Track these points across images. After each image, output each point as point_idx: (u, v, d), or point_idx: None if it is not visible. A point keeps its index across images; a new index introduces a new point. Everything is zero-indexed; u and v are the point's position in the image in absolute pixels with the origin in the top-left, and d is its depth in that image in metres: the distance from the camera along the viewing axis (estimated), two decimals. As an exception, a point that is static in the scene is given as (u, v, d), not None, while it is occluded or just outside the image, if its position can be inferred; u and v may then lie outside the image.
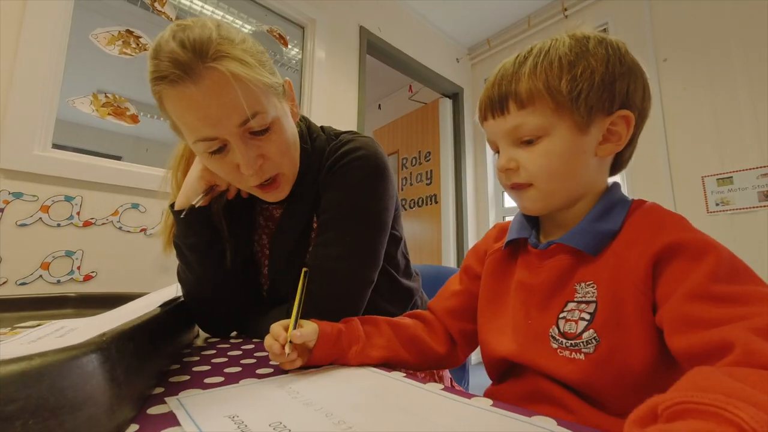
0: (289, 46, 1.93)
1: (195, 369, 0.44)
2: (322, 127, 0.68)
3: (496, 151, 0.45)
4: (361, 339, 0.45)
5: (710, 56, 1.82)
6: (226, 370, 0.43)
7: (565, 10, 2.38)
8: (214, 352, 0.51)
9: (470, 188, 2.82)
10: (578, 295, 0.39)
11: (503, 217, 2.78)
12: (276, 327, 0.41)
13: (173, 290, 0.55)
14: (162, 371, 0.40)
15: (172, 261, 0.63)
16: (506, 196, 2.81)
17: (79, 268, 1.16)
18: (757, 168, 1.64)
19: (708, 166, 1.77)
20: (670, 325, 0.32)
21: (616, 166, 0.46)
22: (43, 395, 0.21)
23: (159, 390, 0.35)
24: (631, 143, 0.44)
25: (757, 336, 0.25)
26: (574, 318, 0.38)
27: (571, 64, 0.39)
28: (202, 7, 1.65)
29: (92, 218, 1.20)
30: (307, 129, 0.64)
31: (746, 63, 1.71)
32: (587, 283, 0.38)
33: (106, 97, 1.33)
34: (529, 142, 0.40)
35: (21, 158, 1.09)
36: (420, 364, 0.50)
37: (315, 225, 0.63)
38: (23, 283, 1.07)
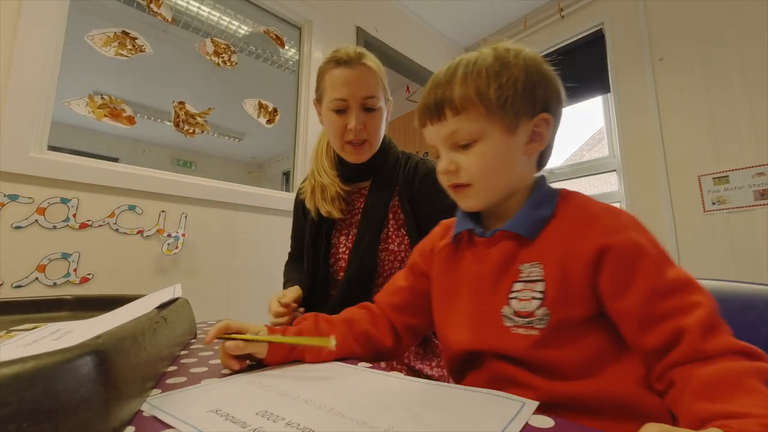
0: (286, 47, 1.92)
1: (192, 370, 0.44)
2: None
3: (437, 155, 0.49)
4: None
5: (706, 55, 1.83)
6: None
7: (561, 10, 2.38)
8: (211, 353, 0.51)
9: (468, 188, 2.83)
10: (522, 275, 0.43)
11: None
12: (218, 325, 0.45)
13: (170, 292, 0.54)
14: (158, 373, 0.40)
15: (169, 263, 0.62)
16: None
17: (75, 270, 1.15)
18: (752, 167, 1.65)
19: (704, 165, 1.78)
20: (631, 325, 0.37)
21: (540, 163, 0.51)
22: (38, 398, 0.21)
23: (155, 392, 0.35)
24: (550, 143, 0.49)
25: (701, 333, 0.33)
26: (526, 297, 0.42)
27: (497, 74, 0.43)
28: (199, 8, 1.65)
29: (89, 220, 1.19)
30: (389, 140, 0.90)
31: (742, 62, 1.72)
32: (531, 264, 0.43)
33: (102, 98, 1.32)
34: (465, 146, 0.45)
35: (16, 160, 1.08)
36: (370, 357, 0.54)
37: (390, 216, 0.83)
38: (19, 286, 1.06)
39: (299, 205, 0.94)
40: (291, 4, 1.89)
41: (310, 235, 0.87)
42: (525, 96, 0.44)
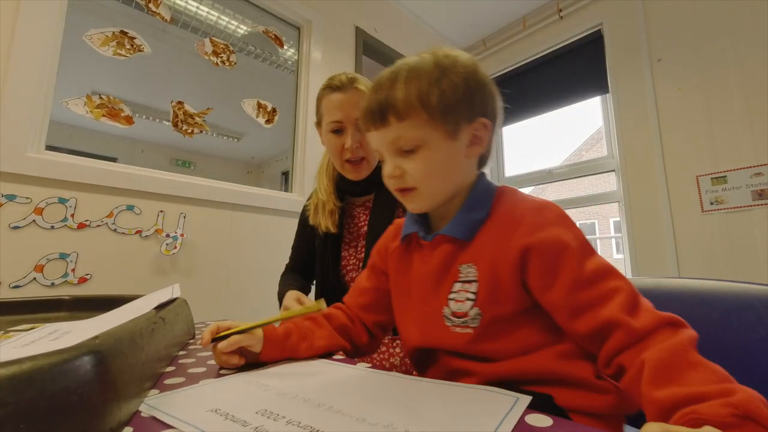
0: (285, 47, 1.92)
1: (190, 371, 0.44)
2: None
3: (382, 159, 0.50)
4: (308, 335, 0.51)
5: (704, 56, 1.83)
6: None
7: (560, 11, 2.39)
8: (209, 354, 0.51)
9: (467, 188, 2.83)
10: (461, 275, 0.46)
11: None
12: (208, 328, 0.46)
13: (168, 292, 0.54)
14: (156, 373, 0.40)
15: (168, 263, 0.63)
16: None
17: (73, 270, 1.15)
18: (750, 167, 1.65)
19: (702, 165, 1.79)
20: (562, 315, 0.40)
21: (481, 163, 0.53)
22: (35, 399, 0.21)
23: (154, 392, 0.35)
24: (490, 145, 0.52)
25: (627, 314, 0.36)
26: (461, 299, 0.45)
27: (437, 81, 0.45)
28: (197, 8, 1.65)
29: (87, 220, 1.19)
30: None
31: (740, 63, 1.72)
32: (468, 264, 0.46)
33: (101, 98, 1.32)
34: (409, 152, 0.46)
35: (14, 160, 1.08)
36: (351, 351, 0.57)
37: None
38: (17, 286, 1.06)
39: (304, 222, 0.97)
40: (290, 4, 1.89)
41: (319, 250, 0.92)
42: (464, 102, 0.46)
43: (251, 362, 0.46)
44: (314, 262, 0.95)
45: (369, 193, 0.91)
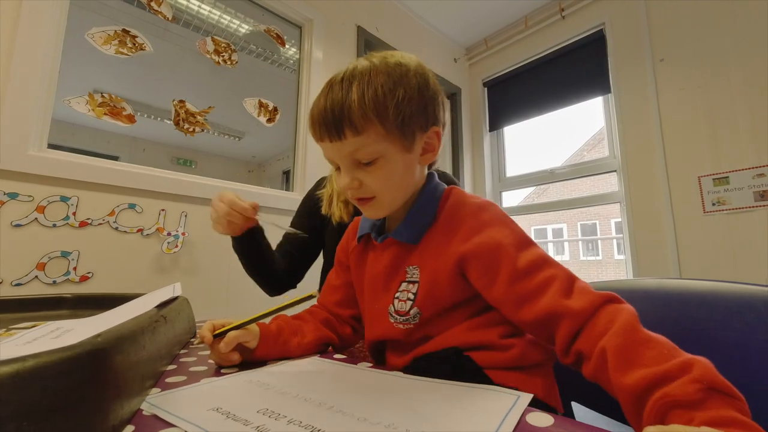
0: (287, 46, 1.92)
1: (192, 369, 0.44)
2: None
3: (336, 167, 0.50)
4: (298, 330, 0.53)
5: (706, 56, 1.83)
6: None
7: (562, 10, 2.38)
8: (205, 354, 0.51)
9: (468, 188, 2.83)
10: (408, 276, 0.49)
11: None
12: (204, 327, 0.47)
13: (170, 291, 0.54)
14: (158, 372, 0.40)
15: (169, 262, 0.63)
16: (504, 195, 2.82)
17: (75, 268, 1.15)
18: (752, 168, 1.65)
19: (704, 166, 1.78)
20: (508, 308, 0.42)
21: (430, 165, 0.55)
22: (37, 397, 0.21)
23: (155, 391, 0.35)
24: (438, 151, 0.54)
25: (566, 299, 0.38)
26: (403, 298, 0.48)
27: (391, 93, 0.44)
28: (199, 6, 1.65)
29: (88, 219, 1.19)
30: None
31: (742, 63, 1.72)
32: (413, 266, 0.49)
33: (102, 96, 1.32)
34: (367, 164, 0.46)
35: (16, 158, 1.08)
36: (338, 345, 0.59)
37: None
38: (19, 284, 1.06)
39: (310, 210, 0.93)
40: (292, 3, 1.89)
41: (329, 241, 0.90)
42: (419, 113, 0.47)
43: (248, 360, 0.47)
44: (307, 250, 0.92)
45: None
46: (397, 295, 0.49)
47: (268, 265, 0.88)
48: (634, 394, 0.29)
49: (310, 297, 0.46)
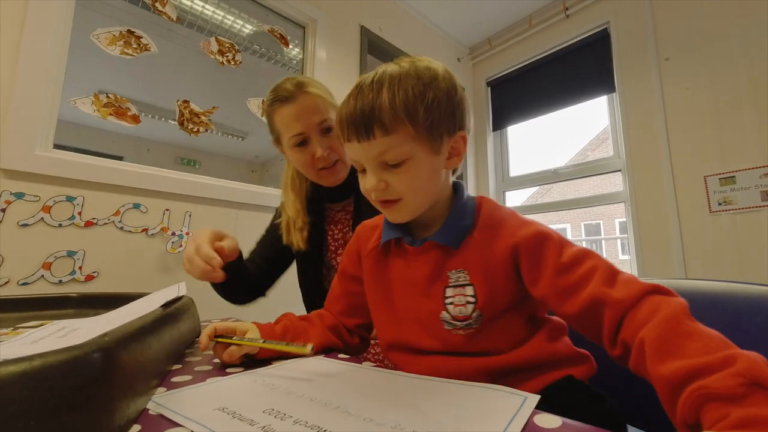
0: (290, 46, 1.93)
1: (197, 369, 0.44)
2: None
3: (362, 169, 0.49)
4: (302, 333, 0.54)
5: (712, 55, 1.81)
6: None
7: (566, 9, 2.37)
8: (210, 353, 0.51)
9: (471, 188, 2.82)
10: (451, 281, 0.48)
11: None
12: (205, 331, 0.47)
13: (175, 290, 0.55)
14: (163, 371, 0.40)
15: (173, 261, 0.63)
16: (507, 196, 2.81)
17: (80, 268, 1.16)
18: (759, 167, 1.63)
19: (710, 165, 1.77)
20: (553, 299, 0.43)
21: (454, 171, 0.55)
22: (44, 396, 0.21)
23: (161, 390, 0.35)
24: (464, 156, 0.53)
25: (608, 288, 0.38)
26: (461, 302, 0.47)
27: (422, 95, 0.45)
28: (203, 7, 1.65)
29: (94, 218, 1.20)
30: None
31: (748, 62, 1.70)
32: (457, 270, 0.48)
33: (108, 97, 1.33)
34: (394, 166, 0.46)
35: (22, 158, 1.09)
36: (344, 351, 0.57)
37: None
38: (25, 284, 1.07)
39: (274, 238, 0.90)
40: (295, 3, 1.89)
41: (300, 267, 0.89)
42: (447, 117, 0.47)
43: (253, 359, 0.47)
44: (277, 265, 0.91)
45: (348, 197, 0.87)
46: (449, 301, 0.47)
47: (251, 289, 0.88)
48: (671, 384, 0.28)
49: (305, 354, 0.43)
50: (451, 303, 0.47)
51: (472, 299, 0.46)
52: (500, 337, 0.46)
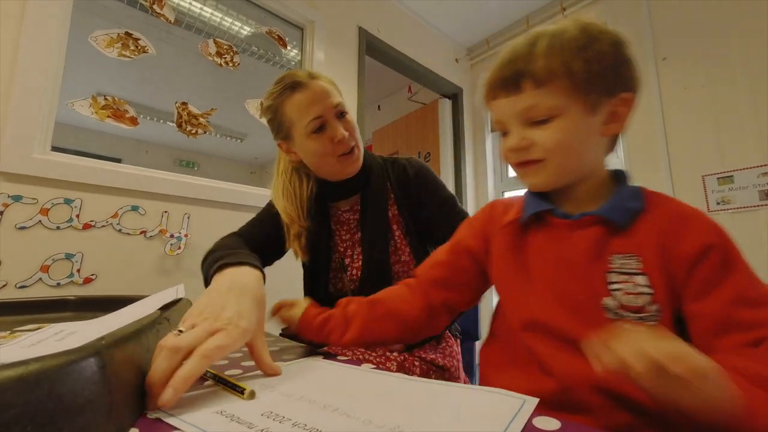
0: (288, 48, 1.93)
1: (195, 372, 0.43)
2: None
3: (504, 132, 0.46)
4: (340, 326, 0.51)
5: (710, 55, 1.82)
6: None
7: (564, 9, 2.38)
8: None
9: (470, 188, 2.82)
10: (614, 266, 0.41)
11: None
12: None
13: (173, 293, 0.54)
14: (162, 374, 0.40)
15: (172, 263, 0.63)
16: (506, 196, 2.81)
17: (78, 270, 1.15)
18: (757, 167, 1.64)
19: (708, 164, 1.77)
20: (704, 326, 0.37)
21: (611, 147, 0.49)
22: (42, 400, 0.21)
23: (159, 394, 0.35)
24: (626, 126, 0.47)
25: None
26: (632, 291, 0.39)
27: (584, 47, 0.41)
28: (201, 8, 1.65)
29: (92, 221, 1.20)
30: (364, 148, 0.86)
31: (746, 61, 1.71)
32: (625, 255, 0.41)
33: (106, 99, 1.33)
34: (540, 122, 0.42)
35: (20, 161, 1.09)
36: (399, 337, 0.54)
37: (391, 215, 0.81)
38: (23, 286, 1.06)
39: (274, 218, 0.83)
40: (293, 5, 1.89)
41: (310, 269, 0.85)
42: (610, 73, 0.42)
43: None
44: (270, 252, 0.84)
45: (355, 193, 0.83)
46: (616, 287, 0.40)
47: None
48: None
49: (238, 395, 0.34)
50: (620, 289, 0.40)
51: (647, 290, 0.39)
52: None
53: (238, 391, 0.34)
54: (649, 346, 0.26)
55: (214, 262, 0.58)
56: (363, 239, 0.79)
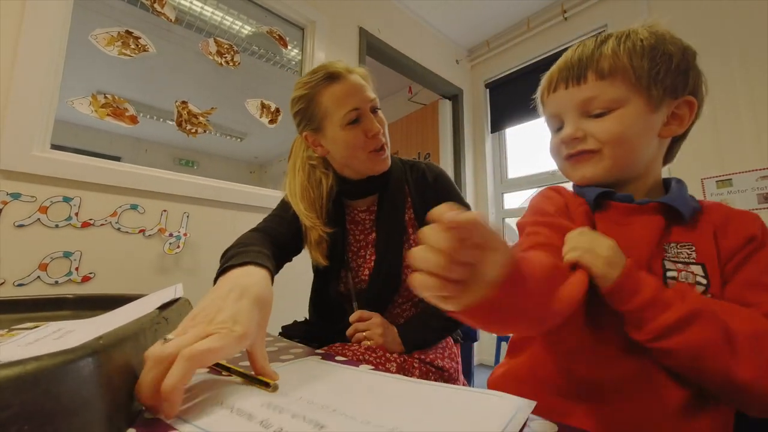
0: (289, 47, 1.93)
1: (193, 372, 0.43)
2: None
3: (557, 127, 0.45)
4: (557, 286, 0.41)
5: (709, 58, 1.82)
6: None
7: (565, 12, 2.38)
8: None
9: (470, 189, 2.82)
10: (669, 255, 0.41)
11: (503, 219, 2.78)
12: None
13: (171, 292, 0.54)
14: (160, 374, 0.40)
15: (171, 262, 0.63)
16: (506, 197, 2.81)
17: (77, 269, 1.15)
18: (756, 170, 1.64)
19: (707, 168, 1.77)
20: (747, 289, 0.38)
21: (667, 156, 0.49)
22: (39, 400, 0.21)
23: (156, 393, 0.35)
24: (686, 133, 0.47)
25: None
26: (689, 281, 0.39)
27: (652, 47, 0.42)
28: (202, 8, 1.65)
29: (91, 219, 1.19)
30: None
31: (745, 65, 1.71)
32: (681, 244, 0.41)
33: (105, 97, 1.33)
34: (598, 115, 0.42)
35: (19, 159, 1.09)
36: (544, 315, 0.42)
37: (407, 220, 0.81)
38: (21, 284, 1.06)
39: (294, 216, 0.81)
40: (294, 5, 1.89)
41: (322, 272, 0.82)
42: (676, 74, 0.42)
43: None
44: (289, 252, 0.81)
45: (373, 193, 0.83)
46: (671, 274, 0.40)
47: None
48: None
49: (268, 386, 0.35)
50: (674, 277, 0.40)
51: (703, 280, 0.39)
52: None
53: (263, 384, 0.35)
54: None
55: (222, 265, 0.57)
56: (378, 240, 0.78)
